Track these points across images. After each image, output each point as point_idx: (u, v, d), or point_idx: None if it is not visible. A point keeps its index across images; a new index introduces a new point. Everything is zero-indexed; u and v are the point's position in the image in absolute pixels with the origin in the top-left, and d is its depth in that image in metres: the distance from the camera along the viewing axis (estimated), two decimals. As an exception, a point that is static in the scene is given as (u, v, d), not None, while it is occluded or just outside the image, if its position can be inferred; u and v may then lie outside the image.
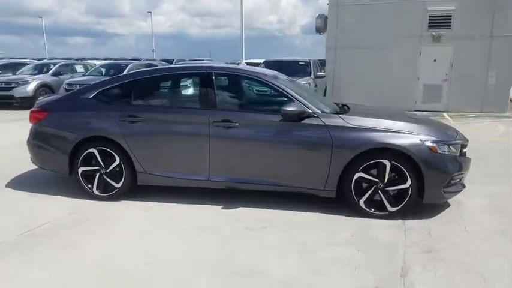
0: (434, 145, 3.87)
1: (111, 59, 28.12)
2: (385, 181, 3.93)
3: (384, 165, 3.89)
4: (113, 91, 4.52)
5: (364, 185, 4.01)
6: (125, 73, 4.85)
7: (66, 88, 12.05)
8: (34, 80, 13.25)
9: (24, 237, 3.57)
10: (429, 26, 12.53)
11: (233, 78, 4.68)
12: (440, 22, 12.42)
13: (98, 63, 17.06)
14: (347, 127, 3.96)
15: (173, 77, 4.78)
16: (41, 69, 14.62)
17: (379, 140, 3.88)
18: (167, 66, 6.07)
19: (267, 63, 12.51)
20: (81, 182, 4.45)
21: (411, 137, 3.89)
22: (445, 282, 2.88)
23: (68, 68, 14.94)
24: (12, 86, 12.89)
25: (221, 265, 3.11)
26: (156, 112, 4.37)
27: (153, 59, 32.39)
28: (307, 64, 11.90)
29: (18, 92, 12.69)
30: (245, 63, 17.79)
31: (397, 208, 3.96)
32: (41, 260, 3.18)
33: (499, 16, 11.81)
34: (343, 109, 4.58)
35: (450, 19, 12.35)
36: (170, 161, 4.33)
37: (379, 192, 3.97)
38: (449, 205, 4.36)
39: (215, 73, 4.34)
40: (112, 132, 4.30)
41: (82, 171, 4.43)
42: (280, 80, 4.37)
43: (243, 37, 18.46)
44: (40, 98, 5.13)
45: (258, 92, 4.52)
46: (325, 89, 13.62)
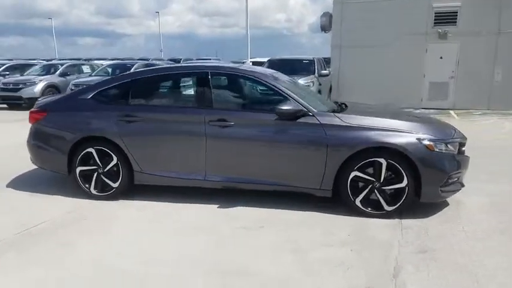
0: (431, 143, 3.83)
1: (119, 59, 28.24)
2: (382, 180, 3.90)
3: (380, 164, 3.86)
4: (111, 91, 4.55)
5: (360, 184, 3.98)
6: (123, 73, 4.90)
7: (72, 89, 12.10)
8: (41, 81, 13.43)
9: (21, 236, 3.61)
10: (435, 23, 12.42)
11: (229, 77, 4.67)
12: (446, 19, 12.31)
13: (105, 63, 17.17)
14: (342, 126, 3.94)
15: (170, 77, 4.79)
16: (49, 70, 14.79)
17: (374, 139, 3.84)
18: (164, 66, 6.06)
19: (271, 61, 12.49)
20: (79, 182, 4.49)
21: (407, 136, 3.85)
22: (437, 282, 2.85)
23: (75, 69, 15.09)
24: (20, 87, 13.09)
25: (215, 264, 3.11)
26: (153, 112, 4.38)
27: (161, 59, 32.70)
28: (311, 62, 11.85)
29: (25, 93, 12.85)
30: (250, 62, 17.82)
31: (394, 207, 3.93)
32: (38, 259, 3.21)
33: (506, 12, 11.67)
34: (340, 108, 4.56)
35: (456, 16, 12.23)
36: (167, 161, 4.35)
37: (375, 191, 3.94)
38: (448, 204, 4.31)
39: (211, 73, 4.34)
40: (109, 132, 4.33)
41: (80, 170, 4.46)
42: (275, 79, 4.34)
43: (248, 36, 18.57)
44: (40, 99, 5.18)
45: (254, 91, 4.51)
46: (330, 87, 13.56)
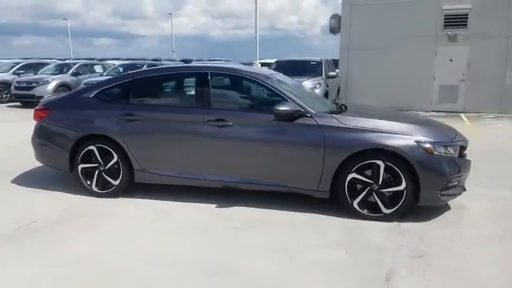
0: (429, 146, 3.78)
1: (132, 60, 28.54)
2: (380, 182, 3.87)
3: (378, 166, 3.83)
4: (113, 90, 4.60)
5: (358, 186, 3.95)
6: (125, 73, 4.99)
7: (83, 88, 12.32)
8: (54, 80, 13.65)
9: (19, 231, 3.67)
10: (445, 26, 12.27)
11: (228, 78, 4.69)
12: (456, 21, 12.15)
13: (117, 63, 17.38)
14: (340, 127, 3.92)
15: (170, 77, 4.82)
16: (62, 69, 15.03)
17: (372, 141, 3.82)
18: (165, 66, 6.12)
19: (279, 63, 12.49)
20: (81, 179, 4.55)
21: (406, 138, 3.81)
22: (429, 287, 2.82)
23: (87, 68, 15.31)
24: (33, 86, 13.33)
25: (204, 264, 3.11)
26: (152, 111, 4.42)
27: (173, 59, 33.10)
28: (318, 64, 11.78)
29: (38, 92, 13.05)
30: (259, 63, 17.85)
31: (392, 210, 3.89)
32: (33, 254, 3.26)
33: (517, 14, 11.46)
34: (339, 109, 4.54)
35: (466, 18, 12.06)
36: (166, 160, 4.38)
37: (373, 193, 3.91)
38: (449, 208, 4.25)
39: (211, 73, 4.36)
40: (110, 130, 4.38)
41: (82, 168, 4.52)
42: (273, 80, 4.34)
43: (257, 38, 18.58)
44: (45, 97, 5.27)
45: (253, 92, 4.52)
46: (338, 89, 13.49)
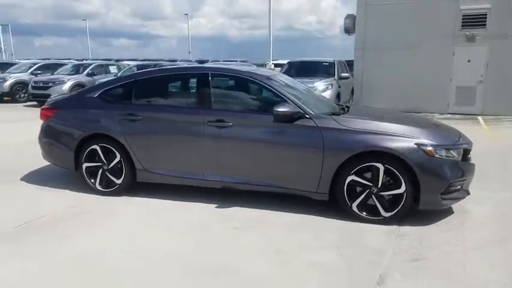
0: (430, 149, 3.71)
1: (149, 60, 28.96)
2: (379, 185, 3.82)
3: (378, 169, 3.78)
4: (116, 90, 4.67)
5: (358, 189, 3.91)
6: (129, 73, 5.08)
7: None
8: (69, 80, 13.97)
9: (21, 228, 3.75)
10: (462, 26, 12.00)
11: (229, 79, 4.69)
12: (474, 21, 11.86)
13: (132, 63, 17.64)
14: (339, 129, 3.88)
15: (172, 78, 4.85)
16: (78, 69, 15.34)
17: (371, 143, 3.77)
18: (168, 67, 6.16)
19: (291, 64, 12.46)
20: (85, 178, 4.63)
21: (406, 140, 3.75)
22: (423, 291, 2.77)
23: (102, 69, 15.58)
24: (49, 86, 13.69)
25: (203, 264, 3.13)
26: (154, 111, 4.46)
27: (189, 60, 33.59)
28: (331, 65, 11.69)
29: (54, 91, 13.31)
30: (272, 64, 17.85)
31: (392, 213, 3.83)
32: (35, 251, 3.33)
33: (538, 14, 11.13)
34: (342, 111, 4.49)
35: (485, 18, 11.77)
36: (167, 159, 4.42)
37: (372, 196, 3.86)
38: (452, 212, 4.17)
39: (212, 74, 4.38)
40: (113, 130, 4.44)
41: (86, 167, 4.61)
42: (274, 81, 4.32)
43: (271, 39, 18.61)
44: (52, 97, 5.39)
45: (254, 93, 4.51)
46: (351, 90, 13.35)
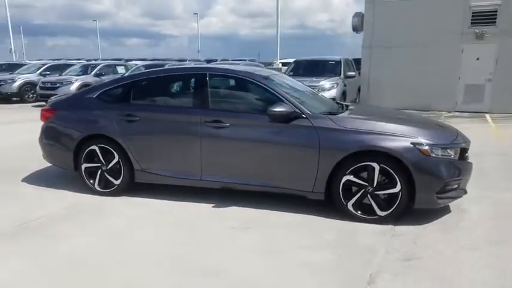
0: (426, 148, 3.68)
1: (158, 60, 29.21)
2: (375, 185, 3.80)
3: (373, 168, 3.76)
4: (114, 91, 4.70)
5: (353, 188, 3.90)
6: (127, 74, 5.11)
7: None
8: (77, 81, 14.14)
9: (18, 228, 3.80)
10: (472, 23, 11.83)
11: (226, 79, 4.70)
12: (484, 18, 11.70)
13: (139, 63, 17.78)
14: (335, 129, 3.86)
15: (170, 78, 4.85)
16: (86, 70, 15.52)
17: (366, 143, 3.75)
18: (167, 67, 6.19)
19: (297, 62, 12.42)
20: (84, 178, 4.69)
21: (402, 140, 3.72)
22: (412, 292, 2.75)
23: (110, 69, 15.74)
24: (57, 86, 13.89)
25: (199, 264, 3.14)
26: (151, 112, 4.48)
27: (198, 59, 33.73)
28: (337, 63, 11.61)
29: (62, 92, 13.46)
30: (280, 62, 17.81)
31: (387, 213, 3.81)
32: (31, 250, 3.38)
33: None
34: (340, 110, 4.48)
35: (495, 15, 11.60)
36: (165, 160, 4.44)
37: (368, 195, 3.84)
38: (449, 211, 4.13)
39: (209, 74, 4.39)
40: (111, 130, 4.48)
41: (85, 167, 4.66)
42: (271, 81, 4.32)
43: (278, 38, 18.57)
44: (52, 97, 5.45)
45: (250, 93, 4.48)
46: (358, 89, 13.26)
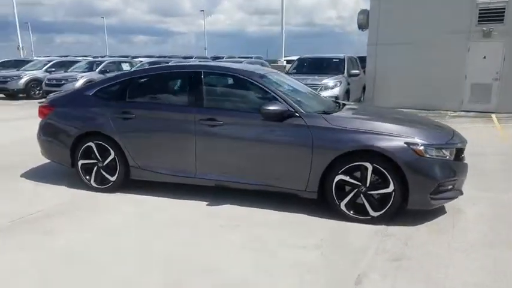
0: (420, 148, 3.64)
1: (164, 57, 29.32)
2: (368, 184, 3.77)
3: (366, 168, 3.73)
4: (111, 88, 4.71)
5: (346, 188, 3.87)
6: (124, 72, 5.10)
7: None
8: (82, 78, 14.26)
9: (14, 223, 3.85)
10: (479, 21, 11.66)
11: (221, 77, 4.68)
12: (492, 16, 11.52)
13: (144, 60, 17.85)
14: (328, 128, 3.84)
15: (165, 76, 4.84)
16: (91, 67, 15.62)
17: (359, 142, 3.71)
18: (163, 65, 6.19)
19: (301, 60, 12.37)
20: (80, 174, 4.72)
21: (395, 139, 3.68)
22: (398, 293, 2.73)
23: (115, 66, 15.83)
24: (62, 83, 14.02)
25: (185, 262, 3.15)
26: (146, 109, 4.49)
27: (205, 57, 33.76)
28: (341, 61, 11.50)
29: (67, 88, 13.61)
30: (284, 60, 17.75)
31: (380, 213, 3.78)
32: (26, 245, 3.41)
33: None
34: (336, 109, 4.45)
35: (503, 12, 11.41)
36: (159, 157, 4.45)
37: (361, 195, 3.81)
38: (445, 212, 4.09)
39: (204, 72, 4.38)
40: (107, 128, 4.50)
41: (82, 164, 4.69)
42: (266, 79, 4.30)
43: (283, 35, 18.49)
44: (51, 94, 5.49)
45: (245, 91, 4.46)
46: (363, 87, 13.16)
